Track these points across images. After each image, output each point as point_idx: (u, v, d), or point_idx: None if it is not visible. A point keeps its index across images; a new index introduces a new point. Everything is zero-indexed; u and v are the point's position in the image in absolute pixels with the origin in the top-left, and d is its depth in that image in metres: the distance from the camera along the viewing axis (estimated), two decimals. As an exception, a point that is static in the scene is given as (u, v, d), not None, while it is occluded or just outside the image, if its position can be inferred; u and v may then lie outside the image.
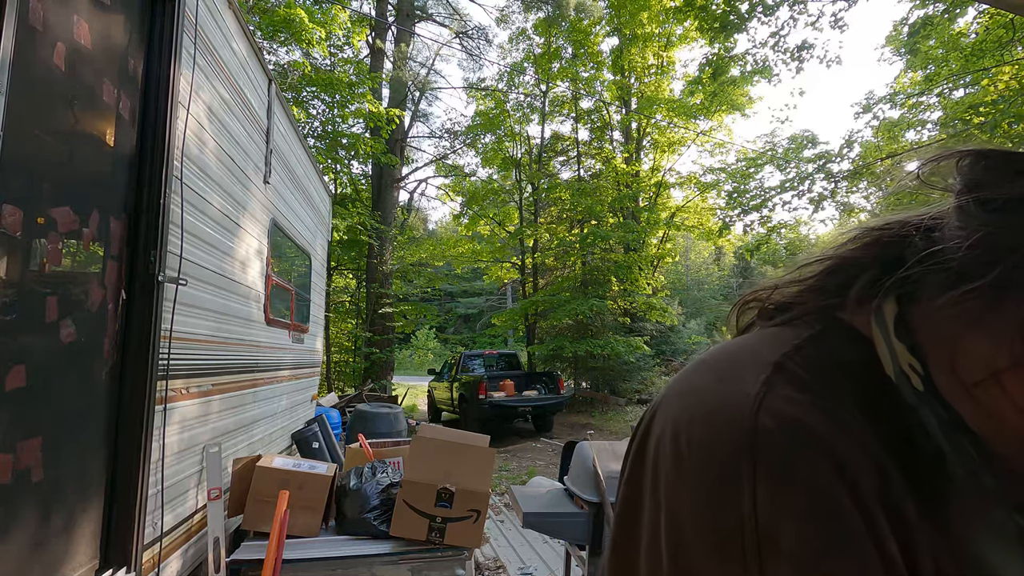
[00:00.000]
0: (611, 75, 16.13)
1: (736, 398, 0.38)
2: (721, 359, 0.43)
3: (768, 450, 0.34)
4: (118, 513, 1.83)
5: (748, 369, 0.40)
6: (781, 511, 0.33)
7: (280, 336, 3.82)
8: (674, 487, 0.38)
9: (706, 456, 0.36)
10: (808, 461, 0.34)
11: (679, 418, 0.40)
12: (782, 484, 0.34)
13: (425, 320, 26.24)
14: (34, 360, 1.47)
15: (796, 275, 0.48)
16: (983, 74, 8.26)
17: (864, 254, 0.44)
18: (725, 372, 0.41)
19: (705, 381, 0.42)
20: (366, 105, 11.73)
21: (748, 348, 0.44)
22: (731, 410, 0.37)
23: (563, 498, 2.47)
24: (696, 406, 0.40)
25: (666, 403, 0.43)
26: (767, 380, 0.38)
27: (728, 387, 0.39)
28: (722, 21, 8.56)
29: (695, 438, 0.38)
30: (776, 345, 0.42)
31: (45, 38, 1.47)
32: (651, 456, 0.42)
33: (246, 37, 2.92)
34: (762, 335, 0.46)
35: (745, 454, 0.35)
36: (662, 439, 0.41)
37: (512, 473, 6.93)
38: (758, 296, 0.51)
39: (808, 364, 0.40)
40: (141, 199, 1.94)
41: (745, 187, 11.65)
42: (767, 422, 0.35)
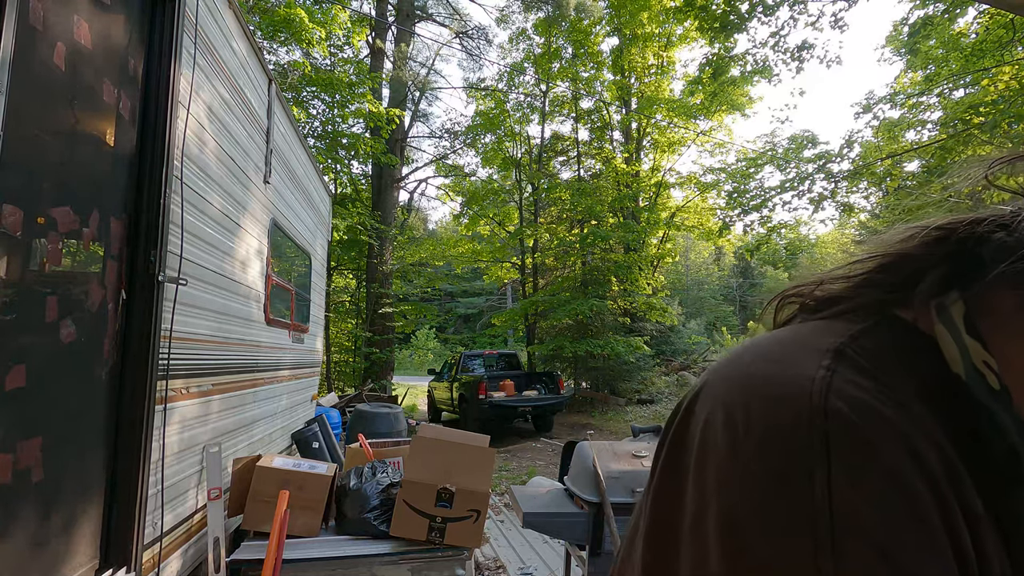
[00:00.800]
0: (611, 75, 16.14)
1: (798, 380, 0.36)
2: (771, 345, 0.42)
3: (842, 431, 0.33)
4: (118, 513, 1.83)
5: (805, 354, 0.39)
6: (859, 492, 0.32)
7: (280, 336, 3.82)
8: (728, 470, 0.36)
9: (769, 438, 0.35)
10: (884, 444, 0.33)
11: (731, 401, 0.39)
12: (859, 465, 0.32)
13: (425, 320, 26.23)
14: (34, 360, 1.47)
15: (845, 271, 0.47)
16: (983, 74, 8.26)
17: (925, 251, 0.42)
18: (780, 356, 0.40)
19: (758, 365, 0.40)
20: (366, 105, 11.73)
21: (799, 336, 0.42)
22: (794, 392, 0.36)
23: (563, 498, 2.47)
24: (751, 389, 0.38)
25: (711, 388, 0.42)
26: (829, 365, 0.37)
27: (786, 370, 0.38)
28: (722, 21, 8.56)
29: (754, 420, 0.36)
30: (830, 334, 0.41)
31: (45, 38, 1.46)
32: (695, 441, 0.40)
33: (246, 37, 2.92)
34: (811, 325, 0.44)
35: (816, 434, 0.33)
36: (711, 423, 0.39)
37: (512, 473, 6.93)
38: (800, 291, 0.50)
39: (866, 353, 0.38)
40: (141, 199, 1.94)
41: (745, 187, 11.65)
42: (837, 404, 0.34)
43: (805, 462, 0.33)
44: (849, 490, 0.32)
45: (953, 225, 0.42)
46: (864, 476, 0.32)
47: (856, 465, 0.32)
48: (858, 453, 0.33)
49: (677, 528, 0.39)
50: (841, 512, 0.31)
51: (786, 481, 0.33)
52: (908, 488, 0.32)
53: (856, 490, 0.32)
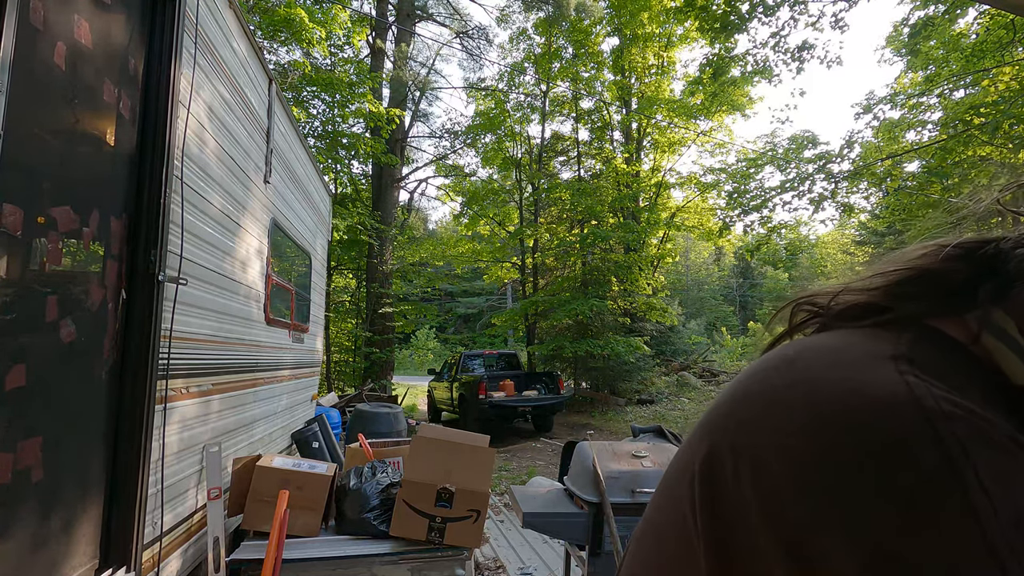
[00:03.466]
0: (611, 75, 16.14)
1: (887, 386, 0.32)
2: (807, 355, 0.38)
3: (966, 430, 0.30)
4: (118, 512, 1.84)
5: (864, 360, 0.35)
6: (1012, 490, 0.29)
7: (280, 336, 3.82)
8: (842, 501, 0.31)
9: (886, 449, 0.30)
10: (1010, 445, 0.30)
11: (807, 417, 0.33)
12: (1001, 465, 0.29)
13: (425, 320, 26.24)
14: (34, 360, 1.47)
15: (864, 284, 0.45)
16: (984, 75, 8.26)
17: (952, 267, 0.41)
18: (841, 361, 0.36)
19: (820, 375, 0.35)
20: (366, 105, 11.73)
21: (840, 344, 0.39)
22: (888, 396, 0.32)
23: (563, 498, 2.47)
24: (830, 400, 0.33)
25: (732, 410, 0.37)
26: (902, 369, 0.33)
27: (861, 376, 0.33)
28: (722, 21, 8.56)
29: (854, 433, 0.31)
30: (878, 342, 0.37)
31: (46, 37, 1.46)
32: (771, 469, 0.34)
33: (246, 36, 2.92)
34: (847, 334, 0.41)
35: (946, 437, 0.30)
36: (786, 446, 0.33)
37: (512, 473, 6.93)
38: (815, 300, 0.47)
39: (930, 360, 0.35)
40: (141, 199, 1.94)
41: (745, 187, 11.65)
42: (949, 407, 0.31)
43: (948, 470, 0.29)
44: (1003, 490, 0.28)
45: (972, 244, 0.41)
46: (1009, 472, 0.29)
47: (1000, 467, 0.29)
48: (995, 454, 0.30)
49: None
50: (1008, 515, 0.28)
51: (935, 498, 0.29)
52: None
53: (1010, 488, 0.29)
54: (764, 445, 0.34)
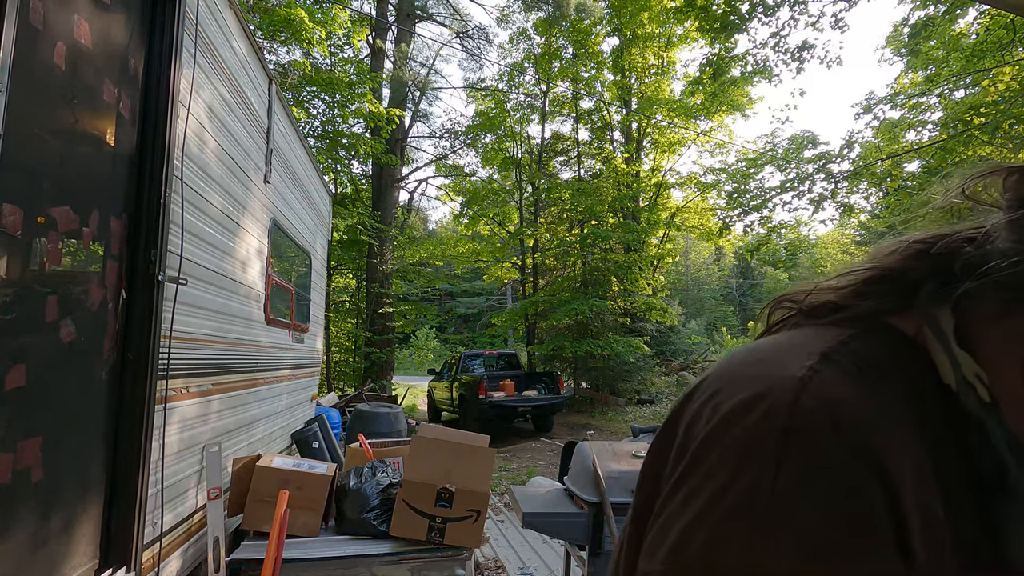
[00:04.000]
0: (611, 75, 16.14)
1: (780, 379, 0.38)
2: (764, 349, 0.44)
3: (803, 429, 0.35)
4: (118, 512, 1.83)
5: (794, 356, 0.40)
6: (803, 490, 0.33)
7: (280, 336, 3.82)
8: (703, 460, 0.38)
9: (740, 429, 0.37)
10: (842, 445, 0.34)
11: (719, 397, 0.41)
12: (810, 463, 0.34)
13: (425, 320, 26.23)
14: (34, 359, 1.47)
15: (834, 282, 0.49)
16: (984, 75, 8.25)
17: (910, 265, 0.44)
18: (769, 358, 0.42)
19: (747, 366, 0.42)
20: (366, 105, 11.73)
21: (792, 340, 0.44)
22: (774, 389, 0.37)
23: (563, 498, 2.46)
24: (737, 386, 0.40)
25: (703, 387, 0.44)
26: (813, 366, 0.38)
27: (772, 369, 0.40)
28: (722, 21, 8.56)
29: (733, 414, 0.38)
30: (822, 339, 0.42)
31: (46, 37, 1.46)
32: (682, 431, 0.42)
33: (246, 36, 2.92)
34: (804, 331, 0.46)
35: (777, 429, 0.35)
36: (698, 416, 0.41)
37: (512, 473, 6.93)
38: (793, 297, 0.51)
39: (856, 357, 0.40)
40: (141, 198, 1.94)
41: (745, 187, 11.65)
42: (808, 403, 0.36)
43: (761, 454, 0.35)
44: (794, 486, 0.33)
45: (932, 239, 0.43)
46: (814, 475, 0.34)
47: (809, 463, 0.34)
48: (814, 451, 0.34)
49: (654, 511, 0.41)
50: (779, 507, 0.33)
51: (742, 472, 0.35)
52: (855, 492, 0.33)
53: (802, 488, 0.33)
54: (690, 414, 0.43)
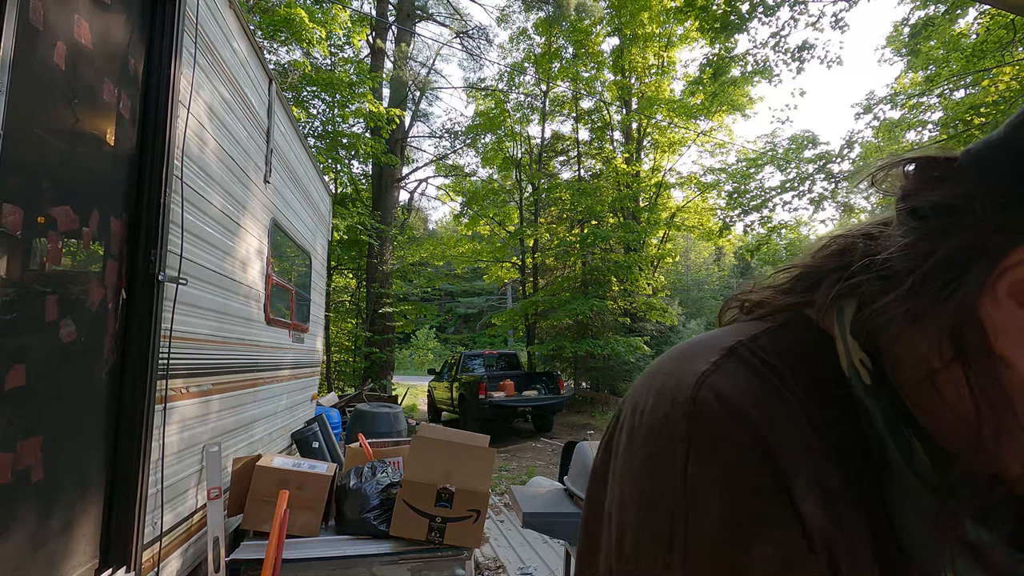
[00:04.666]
0: (612, 75, 16.13)
1: (686, 376, 0.41)
2: (686, 346, 0.47)
3: (701, 421, 0.38)
4: (118, 512, 1.83)
5: (704, 352, 0.43)
6: (707, 478, 0.36)
7: (280, 335, 3.82)
8: (624, 457, 0.42)
9: (652, 426, 0.40)
10: (734, 434, 0.37)
11: (638, 397, 0.44)
12: (709, 453, 0.37)
13: (425, 320, 26.22)
14: (34, 359, 1.47)
15: (771, 280, 0.52)
16: (984, 75, 8.25)
17: (826, 262, 0.47)
18: (685, 355, 0.45)
19: (665, 363, 0.45)
20: (366, 105, 11.72)
21: (712, 336, 0.47)
22: (679, 385, 0.40)
23: (563, 498, 2.46)
24: (652, 385, 0.43)
25: (633, 389, 0.47)
26: (716, 361, 0.41)
27: (682, 366, 0.42)
28: (723, 21, 8.56)
29: (647, 411, 0.41)
30: (736, 334, 0.45)
31: (45, 37, 1.46)
32: (616, 430, 0.46)
33: (246, 36, 2.92)
34: (730, 327, 0.49)
35: (682, 423, 0.38)
36: (623, 417, 0.45)
37: (512, 473, 6.93)
38: (739, 297, 0.54)
39: (760, 350, 0.42)
40: (141, 198, 1.94)
41: (745, 187, 11.65)
42: (705, 395, 0.38)
43: (672, 449, 0.38)
44: (699, 471, 0.36)
45: (846, 235, 0.46)
46: (713, 463, 0.36)
47: (708, 453, 0.37)
48: (711, 441, 0.37)
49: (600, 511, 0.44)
50: (692, 486, 0.36)
51: (657, 468, 0.38)
52: (751, 476, 0.36)
53: (706, 476, 0.36)
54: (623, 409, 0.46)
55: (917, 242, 0.39)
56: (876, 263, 0.41)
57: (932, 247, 0.38)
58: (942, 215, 0.39)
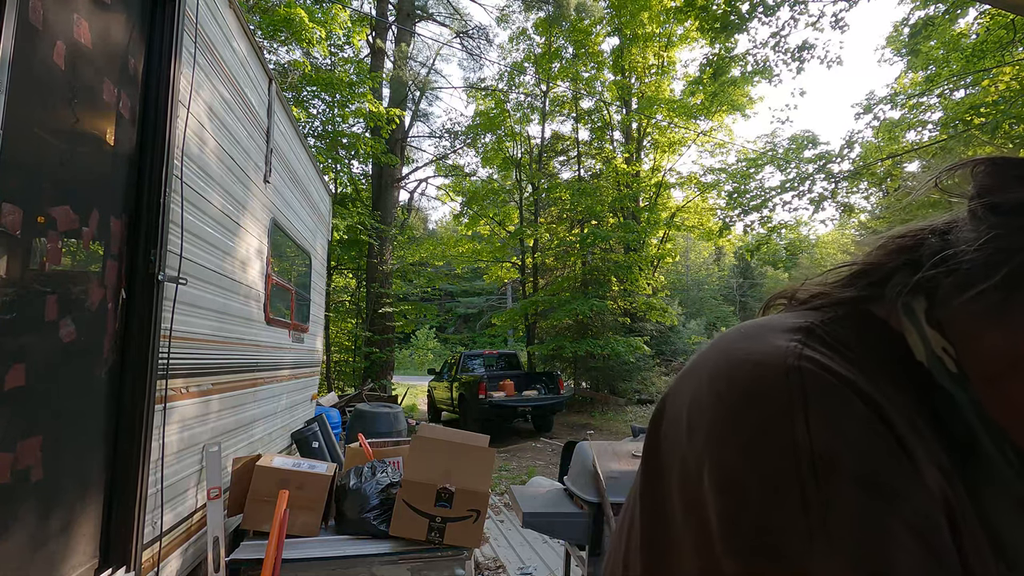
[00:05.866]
0: (612, 75, 16.13)
1: (772, 349, 0.40)
2: (747, 328, 0.46)
3: (814, 383, 0.37)
4: (117, 512, 1.83)
5: (777, 331, 0.43)
6: (836, 444, 0.35)
7: (280, 335, 3.82)
8: (715, 433, 0.39)
9: (751, 396, 0.39)
10: (852, 401, 0.36)
11: (715, 375, 0.42)
12: (833, 419, 0.36)
13: (425, 320, 26.23)
14: (34, 359, 1.47)
15: (822, 278, 0.52)
16: (984, 75, 8.25)
17: (888, 259, 0.47)
18: (755, 334, 0.44)
19: (735, 343, 0.44)
20: (366, 105, 11.72)
21: (772, 320, 0.47)
22: (769, 357, 0.40)
23: (563, 498, 2.46)
24: (732, 361, 0.42)
25: (688, 373, 0.46)
26: (799, 338, 0.41)
27: (759, 343, 0.42)
28: (723, 21, 8.55)
29: (737, 384, 0.40)
30: (801, 318, 0.45)
31: (45, 37, 1.46)
32: (682, 415, 0.44)
33: (246, 36, 2.91)
34: (785, 314, 0.49)
35: (792, 387, 0.37)
36: (697, 397, 0.43)
37: (512, 473, 6.93)
38: (785, 294, 0.55)
39: (834, 334, 0.43)
40: (141, 198, 1.94)
41: (745, 187, 11.64)
42: (807, 366, 0.38)
43: (784, 413, 0.36)
44: (826, 432, 0.35)
45: (908, 233, 0.47)
46: (839, 421, 0.36)
47: (831, 411, 0.36)
48: (831, 401, 0.36)
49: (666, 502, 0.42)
50: (821, 452, 0.35)
51: (770, 431, 0.37)
52: (878, 429, 0.36)
53: (833, 433, 0.35)
54: (682, 392, 0.45)
55: (1001, 237, 0.38)
56: (953, 257, 0.40)
57: (1019, 243, 0.38)
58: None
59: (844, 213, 11.07)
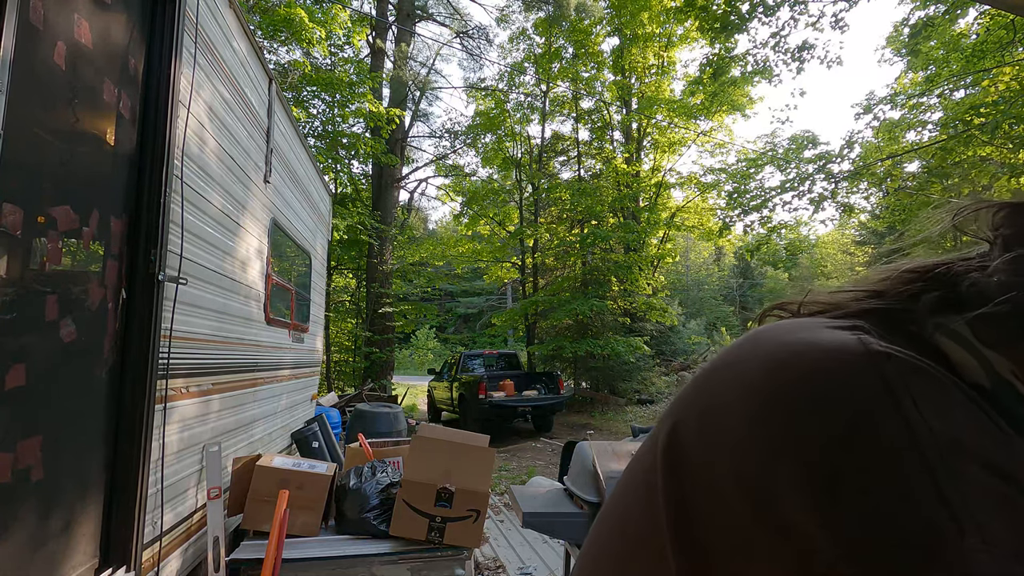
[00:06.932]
0: (612, 75, 16.14)
1: (840, 337, 0.36)
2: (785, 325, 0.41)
3: (907, 366, 0.33)
4: (118, 512, 1.84)
5: (821, 327, 0.38)
6: (949, 414, 0.32)
7: (280, 335, 3.82)
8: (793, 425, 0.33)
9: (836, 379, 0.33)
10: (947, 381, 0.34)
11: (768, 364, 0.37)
12: (936, 391, 0.33)
13: (425, 320, 26.23)
14: (34, 359, 1.47)
15: (826, 297, 0.48)
16: (984, 75, 8.25)
17: (903, 287, 0.44)
18: (801, 328, 0.39)
19: (783, 335, 0.39)
20: (366, 105, 11.72)
21: (804, 320, 0.42)
22: (844, 345, 0.35)
23: (563, 498, 2.47)
24: (791, 350, 0.37)
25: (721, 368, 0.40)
26: (861, 328, 0.37)
27: (818, 334, 0.37)
28: (723, 21, 8.55)
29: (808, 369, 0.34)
30: (839, 321, 0.40)
31: (46, 37, 1.47)
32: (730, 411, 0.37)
33: (246, 36, 2.92)
34: (806, 319, 0.44)
35: (888, 371, 0.33)
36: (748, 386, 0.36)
37: (512, 473, 6.93)
38: (786, 306, 0.50)
39: (880, 334, 0.38)
40: (141, 198, 1.94)
41: (745, 187, 11.65)
42: (891, 349, 0.34)
43: (886, 397, 0.32)
44: (941, 416, 0.32)
45: (923, 267, 0.44)
46: (947, 402, 0.32)
47: (935, 393, 0.33)
48: (932, 383, 0.33)
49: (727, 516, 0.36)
50: (941, 434, 0.31)
51: (874, 418, 0.32)
52: (979, 411, 0.33)
53: (947, 414, 0.32)
54: (728, 402, 0.37)
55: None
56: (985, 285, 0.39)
57: None
58: None
59: (844, 213, 11.06)
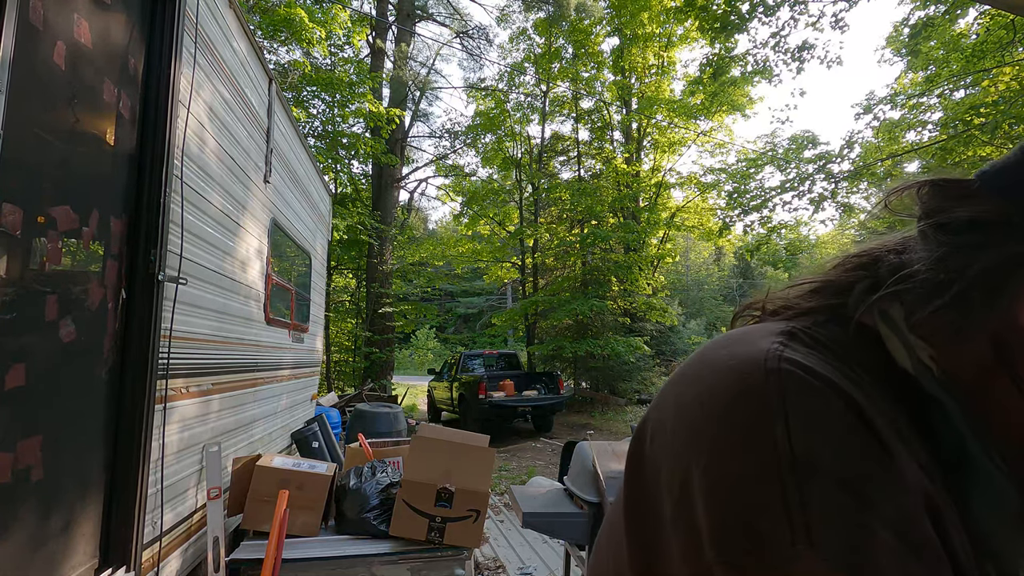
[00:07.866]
0: (612, 75, 16.13)
1: (753, 353, 0.40)
2: (725, 338, 0.46)
3: (793, 384, 0.37)
4: (118, 512, 1.83)
5: (758, 337, 0.43)
6: (816, 445, 0.35)
7: (280, 335, 3.82)
8: (699, 437, 0.39)
9: (731, 400, 0.39)
10: (832, 401, 0.37)
11: (695, 379, 0.43)
12: (812, 421, 0.36)
13: (425, 320, 26.22)
14: (34, 359, 1.47)
15: (784, 293, 0.53)
16: (984, 75, 8.25)
17: (849, 275, 0.48)
18: (736, 340, 0.44)
19: (715, 352, 0.44)
20: (366, 105, 11.72)
21: (751, 328, 0.47)
22: (749, 362, 0.40)
23: (563, 498, 2.47)
24: (711, 365, 0.42)
25: (673, 380, 0.46)
26: (781, 341, 0.41)
27: (741, 348, 0.42)
28: (723, 21, 8.55)
29: (719, 390, 0.40)
30: (781, 324, 0.45)
31: (45, 37, 1.46)
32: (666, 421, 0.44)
33: (246, 36, 2.91)
34: (766, 323, 0.49)
35: (772, 389, 0.37)
36: (680, 401, 0.43)
37: (512, 473, 6.93)
38: (753, 305, 0.55)
39: (816, 338, 0.43)
40: (141, 198, 1.94)
41: (745, 187, 11.65)
42: (787, 367, 0.38)
43: (764, 415, 0.37)
44: (805, 435, 0.35)
45: (865, 252, 0.48)
46: (818, 421, 0.36)
47: (810, 412, 0.36)
48: (811, 402, 0.37)
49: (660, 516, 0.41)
50: (800, 455, 0.35)
51: (752, 432, 0.37)
52: (859, 431, 0.36)
53: (811, 434, 0.35)
54: (666, 399, 0.45)
55: (950, 256, 0.40)
56: (909, 275, 0.42)
57: (967, 261, 0.39)
58: (975, 230, 0.40)
59: (844, 213, 11.06)
